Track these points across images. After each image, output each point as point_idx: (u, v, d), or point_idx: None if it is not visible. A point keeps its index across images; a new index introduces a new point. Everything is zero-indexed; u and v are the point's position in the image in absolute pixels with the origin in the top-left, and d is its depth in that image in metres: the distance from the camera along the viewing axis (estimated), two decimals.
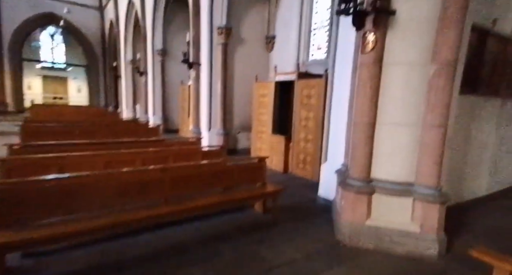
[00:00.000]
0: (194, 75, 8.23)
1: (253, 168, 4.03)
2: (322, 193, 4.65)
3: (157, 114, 13.13)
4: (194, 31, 8.13)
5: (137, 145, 5.17)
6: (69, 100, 25.52)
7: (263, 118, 7.38)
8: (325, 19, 7.47)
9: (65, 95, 25.63)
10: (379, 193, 3.13)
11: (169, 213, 3.02)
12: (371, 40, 2.99)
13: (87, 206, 2.80)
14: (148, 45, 13.17)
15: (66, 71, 25.37)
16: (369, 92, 3.07)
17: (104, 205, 2.89)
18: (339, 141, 4.28)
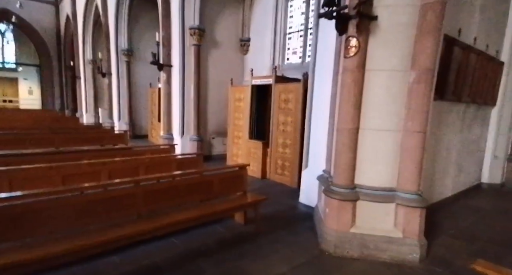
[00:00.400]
0: (165, 78, 7.82)
1: (233, 177, 3.82)
2: (303, 200, 4.57)
3: (123, 118, 12.34)
4: (164, 31, 7.73)
5: (102, 154, 4.71)
6: (20, 103, 23.24)
7: (239, 123, 7.19)
8: (300, 23, 7.50)
9: (15, 98, 23.30)
10: (363, 199, 3.09)
11: (142, 232, 2.71)
12: (354, 45, 2.95)
13: (43, 230, 2.41)
14: (112, 44, 12.38)
15: (17, 71, 23.11)
16: (353, 98, 3.03)
17: (64, 227, 2.51)
18: (319, 147, 4.24)
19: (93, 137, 7.18)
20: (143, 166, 4.15)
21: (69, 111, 20.82)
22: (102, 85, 16.42)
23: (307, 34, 7.26)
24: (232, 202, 3.56)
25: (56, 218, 2.46)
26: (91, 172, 3.71)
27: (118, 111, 12.50)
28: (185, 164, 4.59)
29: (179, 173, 3.39)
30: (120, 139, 7.56)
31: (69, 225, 2.55)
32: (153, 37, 12.61)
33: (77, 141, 6.84)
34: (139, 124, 12.81)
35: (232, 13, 8.28)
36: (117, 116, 12.57)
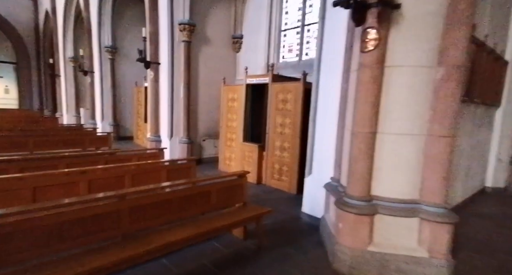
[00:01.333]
0: (152, 76, 7.28)
1: (232, 187, 3.39)
2: (306, 209, 4.19)
3: (107, 119, 11.65)
4: (152, 27, 7.20)
5: (82, 160, 4.17)
6: None
7: (232, 124, 6.75)
8: (296, 19, 7.14)
9: None
10: (382, 213, 2.73)
11: (128, 258, 2.25)
12: (373, 37, 2.59)
13: (6, 260, 1.92)
14: (94, 40, 11.66)
15: None
16: (371, 98, 2.66)
17: (33, 255, 2.02)
18: (326, 152, 3.86)
19: (73, 139, 6.57)
20: (129, 175, 3.65)
21: (48, 111, 19.73)
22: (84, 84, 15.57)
23: (304, 31, 6.91)
24: (233, 216, 3.13)
25: (22, 244, 1.96)
26: (68, 182, 3.19)
27: (101, 111, 11.79)
28: (176, 171, 4.11)
29: (171, 184, 2.93)
30: (103, 141, 6.98)
31: (38, 253, 2.05)
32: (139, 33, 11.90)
33: (55, 144, 6.23)
34: (123, 125, 12.15)
35: (223, 9, 7.83)
36: (100, 116, 11.87)
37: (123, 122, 12.11)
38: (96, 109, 12.18)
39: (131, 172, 3.68)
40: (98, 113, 12.00)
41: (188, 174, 4.25)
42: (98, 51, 11.47)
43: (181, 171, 4.19)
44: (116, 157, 4.56)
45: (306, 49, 6.95)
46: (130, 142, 11.13)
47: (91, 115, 12.43)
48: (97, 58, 11.56)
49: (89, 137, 7.04)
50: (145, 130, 10.36)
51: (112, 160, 4.40)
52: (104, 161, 4.34)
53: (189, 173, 4.26)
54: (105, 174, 3.48)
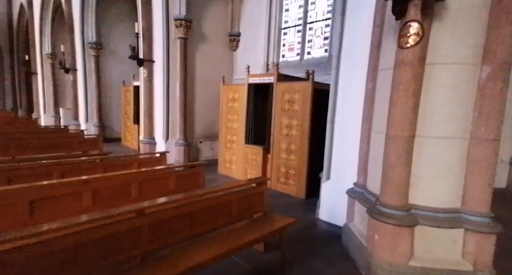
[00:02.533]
0: (146, 75, 6.83)
1: (252, 195, 3.12)
2: (323, 216, 3.98)
3: (92, 120, 10.98)
4: (145, 22, 6.75)
5: (79, 167, 3.75)
6: None
7: (233, 125, 6.45)
8: (297, 17, 6.93)
9: None
10: (424, 224, 2.55)
11: None
12: (415, 31, 2.40)
13: None
14: (77, 36, 10.95)
15: None
16: (411, 99, 2.48)
17: None
18: (346, 155, 3.68)
19: (59, 143, 6.01)
20: (136, 183, 3.29)
21: (23, 111, 18.49)
22: (64, 82, 14.73)
23: (306, 29, 6.72)
24: (256, 228, 2.85)
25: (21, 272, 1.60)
26: (69, 194, 2.79)
27: (85, 111, 11.12)
28: (185, 178, 3.78)
29: (191, 194, 2.61)
30: (92, 144, 6.45)
31: None
32: (126, 29, 11.53)
33: (39, 149, 5.65)
34: (110, 126, 11.51)
35: (220, 5, 7.51)
36: (84, 117, 11.18)
37: (109, 123, 11.47)
38: (79, 109, 11.47)
39: (137, 180, 3.32)
40: (82, 113, 11.31)
41: (197, 180, 3.93)
42: (81, 47, 10.79)
43: (191, 178, 3.86)
44: (115, 163, 4.15)
45: (308, 48, 6.77)
46: (118, 144, 10.53)
47: (74, 116, 11.68)
48: (80, 55, 10.88)
49: (77, 139, 6.48)
50: (134, 131, 9.85)
51: (111, 167, 4.00)
52: (103, 167, 3.93)
53: (198, 180, 3.94)
54: (109, 182, 3.10)
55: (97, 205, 2.97)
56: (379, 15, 3.10)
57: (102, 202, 3.01)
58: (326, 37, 6.38)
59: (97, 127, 10.86)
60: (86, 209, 2.88)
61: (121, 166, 4.08)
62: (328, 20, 6.31)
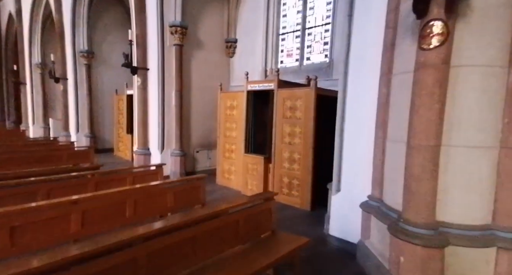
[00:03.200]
0: (140, 83, 6.55)
1: (260, 213, 2.84)
2: (333, 231, 3.70)
3: (83, 130, 10.57)
4: (139, 29, 6.50)
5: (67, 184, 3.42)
6: None
7: (232, 134, 6.19)
8: (295, 22, 6.77)
9: None
10: (455, 244, 2.30)
11: None
12: (439, 31, 2.20)
13: None
14: (67, 45, 10.66)
15: None
16: (437, 104, 2.26)
17: None
18: (358, 166, 3.43)
19: (47, 155, 5.65)
20: (130, 201, 2.97)
21: (11, 122, 17.91)
22: (54, 92, 14.34)
23: (305, 34, 6.56)
24: (268, 251, 2.56)
25: None
26: (55, 217, 2.47)
27: (76, 121, 10.71)
28: (185, 192, 3.48)
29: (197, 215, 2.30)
30: (83, 157, 6.11)
31: None
32: (119, 37, 11.27)
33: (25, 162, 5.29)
34: (102, 136, 11.11)
35: (215, 11, 7.32)
36: (75, 127, 10.77)
37: (101, 133, 11.08)
38: (69, 119, 11.07)
39: (132, 197, 3.01)
40: (72, 123, 10.90)
41: (197, 195, 3.64)
42: (72, 56, 10.47)
43: (190, 192, 3.56)
44: (107, 178, 3.82)
45: (307, 54, 6.59)
46: (110, 155, 10.14)
47: (63, 126, 11.27)
48: (71, 64, 10.55)
49: (66, 152, 6.13)
50: (127, 141, 9.49)
51: (103, 182, 3.68)
52: (94, 183, 3.61)
53: (198, 194, 3.65)
54: (101, 202, 2.78)
55: (87, 228, 2.66)
56: (392, 16, 2.91)
57: (92, 225, 2.70)
58: (326, 42, 6.22)
59: (89, 137, 10.46)
60: (74, 234, 2.56)
61: (114, 182, 3.77)
62: (327, 25, 6.16)
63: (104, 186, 3.63)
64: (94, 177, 3.71)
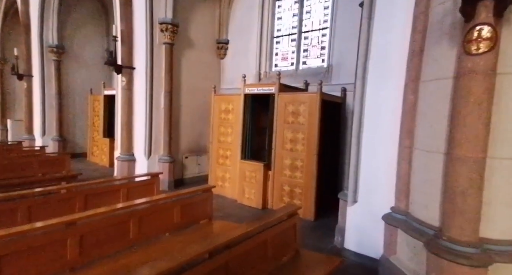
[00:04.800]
0: (125, 83, 5.98)
1: (285, 230, 2.56)
2: (351, 246, 3.50)
3: (50, 133, 9.56)
4: (124, 24, 5.95)
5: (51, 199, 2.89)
6: None
7: (226, 139, 5.85)
8: (290, 26, 6.62)
9: None
10: (500, 261, 2.18)
11: None
12: (487, 36, 2.10)
13: None
14: (34, 38, 9.63)
15: None
16: (485, 114, 2.15)
17: None
18: (377, 175, 3.28)
19: (15, 163, 4.91)
20: (135, 220, 2.54)
21: None
22: (14, 90, 13.02)
23: (301, 38, 6.42)
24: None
25: None
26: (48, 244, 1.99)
27: (42, 123, 9.65)
28: (192, 207, 3.09)
29: (231, 238, 1.95)
30: (58, 164, 5.41)
31: None
32: (93, 31, 10.47)
33: None
34: (72, 140, 10.13)
35: (207, 9, 6.97)
36: (40, 130, 9.70)
37: (71, 136, 10.10)
38: (34, 121, 9.98)
39: (137, 214, 2.58)
40: (37, 125, 9.81)
41: (205, 209, 3.27)
42: (39, 51, 9.46)
43: (197, 205, 3.18)
44: (97, 191, 3.31)
45: (303, 58, 6.46)
46: (83, 161, 9.27)
47: (27, 129, 10.12)
48: (38, 59, 9.52)
49: (37, 158, 5.39)
50: (104, 145, 8.73)
51: (93, 196, 3.18)
52: (83, 197, 3.10)
53: (206, 208, 3.28)
54: (101, 222, 2.33)
55: (86, 253, 2.20)
56: (421, 19, 2.80)
57: (91, 249, 2.24)
58: (323, 47, 6.12)
59: (57, 141, 9.48)
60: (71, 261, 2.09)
61: (106, 195, 3.28)
62: (324, 30, 6.07)
63: (95, 200, 3.15)
64: (82, 190, 3.18)
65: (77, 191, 3.12)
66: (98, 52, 10.51)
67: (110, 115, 8.26)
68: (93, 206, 2.90)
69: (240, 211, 5.10)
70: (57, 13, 9.45)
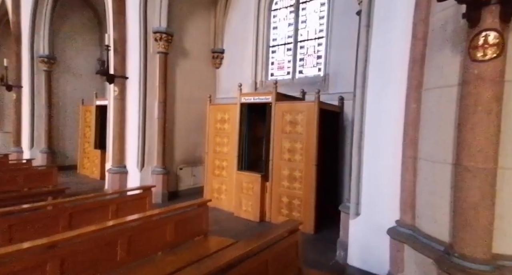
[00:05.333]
0: (117, 93, 5.82)
1: (286, 249, 2.39)
2: (354, 261, 3.33)
3: (38, 145, 9.27)
4: (117, 33, 5.85)
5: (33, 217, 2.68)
6: None
7: (222, 150, 5.69)
8: (286, 35, 6.59)
9: None
10: None
11: None
12: (493, 42, 2.02)
13: None
14: (24, 48, 9.49)
15: None
16: (494, 122, 2.05)
17: None
18: (380, 187, 3.15)
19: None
20: (124, 239, 2.34)
21: None
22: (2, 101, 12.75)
23: (297, 47, 6.39)
24: None
25: None
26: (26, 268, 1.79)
27: (31, 135, 9.38)
28: (186, 222, 2.90)
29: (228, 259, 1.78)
30: (44, 178, 5.16)
31: None
32: (85, 42, 10.36)
33: None
34: (62, 152, 9.84)
35: (202, 19, 6.92)
36: (29, 142, 9.41)
37: (61, 148, 9.80)
38: (22, 132, 9.69)
39: (126, 233, 2.38)
40: (26, 137, 9.52)
41: (200, 224, 3.08)
42: (29, 61, 9.31)
43: (192, 221, 2.99)
44: (84, 207, 3.10)
45: (299, 67, 6.41)
46: (73, 174, 8.96)
47: (14, 141, 9.82)
48: (28, 70, 9.35)
49: (23, 172, 5.14)
50: (95, 157, 8.49)
51: (79, 213, 2.97)
52: (68, 215, 2.89)
53: (201, 223, 3.09)
54: (86, 243, 2.13)
55: None
56: (421, 27, 2.74)
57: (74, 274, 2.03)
58: (319, 56, 6.09)
59: (46, 153, 9.18)
60: None
61: (93, 212, 3.07)
62: (320, 39, 6.05)
63: (81, 217, 2.94)
64: (65, 206, 2.96)
65: (62, 208, 2.90)
66: (90, 62, 10.38)
67: (102, 126, 8.05)
68: (79, 224, 2.70)
69: (237, 225, 4.89)
70: (49, 23, 9.34)
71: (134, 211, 3.19)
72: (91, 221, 2.79)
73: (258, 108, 5.28)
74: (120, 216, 3.08)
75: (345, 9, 5.37)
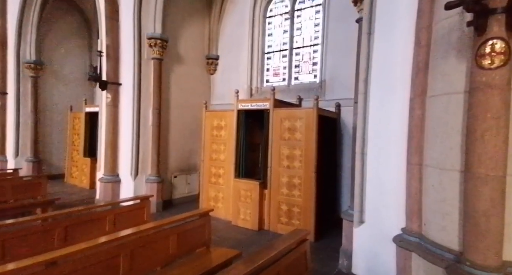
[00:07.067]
0: (110, 99, 5.65)
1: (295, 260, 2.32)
2: (359, 270, 3.28)
3: (24, 154, 8.89)
4: (110, 39, 5.71)
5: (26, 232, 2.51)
6: None
7: (219, 157, 5.59)
8: (281, 42, 6.61)
9: None
10: None
11: None
12: (500, 50, 2.05)
13: None
14: (10, 53, 9.17)
15: None
16: (504, 129, 2.06)
17: None
18: (384, 194, 3.13)
19: None
20: (126, 253, 2.21)
21: None
22: None
23: (293, 54, 6.42)
24: None
25: None
26: None
27: (15, 143, 9.00)
28: (189, 234, 2.79)
29: None
30: (33, 188, 4.91)
31: None
32: (75, 46, 10.13)
33: None
34: (48, 160, 9.48)
35: (197, 25, 6.88)
36: (13, 150, 9.02)
37: (47, 156, 9.44)
38: (6, 140, 9.29)
39: (129, 247, 2.25)
40: (10, 146, 9.13)
41: (202, 235, 2.97)
42: (15, 66, 9.00)
43: (194, 232, 2.88)
44: (80, 220, 2.93)
45: (295, 73, 6.43)
46: (60, 183, 8.62)
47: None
48: (13, 76, 9.03)
49: (10, 182, 4.88)
50: (84, 166, 8.21)
51: (75, 225, 2.81)
52: (63, 228, 2.73)
53: (203, 234, 2.98)
54: (86, 260, 2.00)
55: None
56: (424, 34, 2.77)
57: None
58: (314, 63, 6.12)
59: (32, 162, 8.81)
60: None
61: (90, 225, 2.92)
62: (316, 46, 6.10)
63: (77, 231, 2.78)
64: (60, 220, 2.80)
65: (55, 221, 2.74)
66: (79, 67, 10.13)
67: (92, 134, 7.82)
68: (76, 238, 2.55)
69: (235, 234, 4.78)
70: (36, 27, 9.08)
71: (132, 223, 3.06)
72: (88, 234, 2.65)
73: (255, 114, 5.24)
74: (118, 228, 2.94)
75: (340, 16, 5.43)
